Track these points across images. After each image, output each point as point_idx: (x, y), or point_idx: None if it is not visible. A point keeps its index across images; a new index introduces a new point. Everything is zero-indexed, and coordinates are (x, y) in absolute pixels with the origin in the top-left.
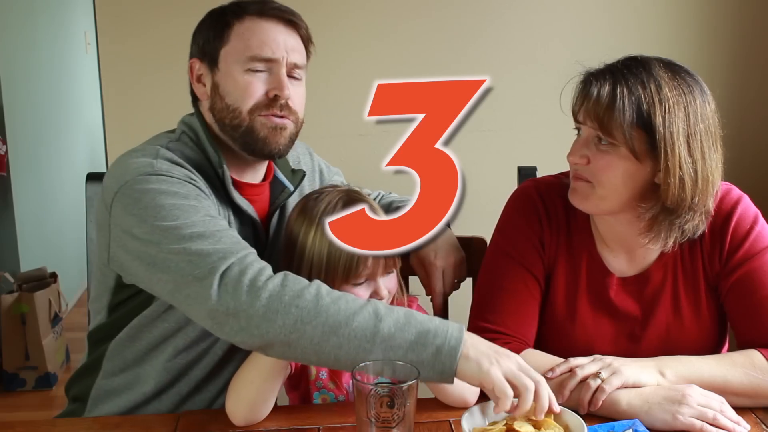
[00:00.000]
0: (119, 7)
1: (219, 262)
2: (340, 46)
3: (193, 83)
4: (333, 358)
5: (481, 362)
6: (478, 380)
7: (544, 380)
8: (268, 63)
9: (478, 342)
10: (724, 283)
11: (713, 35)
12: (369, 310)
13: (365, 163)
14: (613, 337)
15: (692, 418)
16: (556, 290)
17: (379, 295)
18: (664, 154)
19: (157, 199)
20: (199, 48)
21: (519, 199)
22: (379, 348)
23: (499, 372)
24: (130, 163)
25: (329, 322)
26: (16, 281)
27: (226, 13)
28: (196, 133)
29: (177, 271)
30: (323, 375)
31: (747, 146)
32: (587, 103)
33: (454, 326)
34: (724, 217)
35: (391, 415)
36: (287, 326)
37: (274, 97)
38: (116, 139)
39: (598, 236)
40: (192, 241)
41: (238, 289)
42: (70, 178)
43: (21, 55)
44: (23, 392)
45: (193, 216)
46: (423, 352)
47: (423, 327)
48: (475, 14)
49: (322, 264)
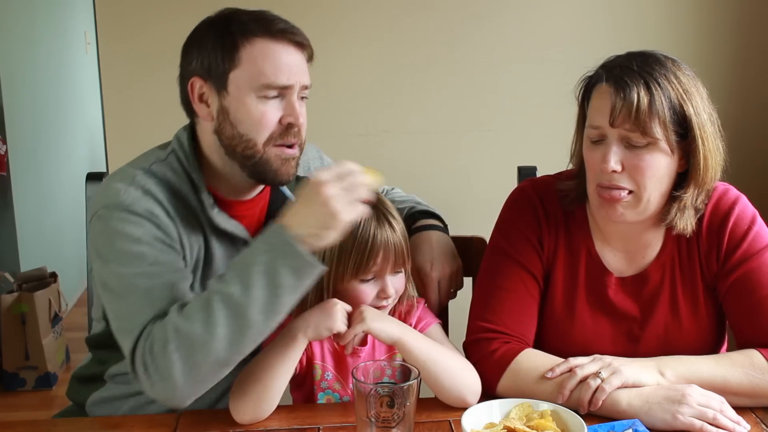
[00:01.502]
0: (119, 7)
1: (131, 333)
2: (340, 46)
3: (194, 102)
4: (243, 352)
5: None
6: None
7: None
8: (282, 89)
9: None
10: (723, 283)
11: (713, 35)
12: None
13: (365, 163)
14: (612, 337)
15: (692, 418)
16: (554, 289)
17: (385, 293)
18: (700, 141)
19: (111, 239)
20: (203, 67)
21: (517, 199)
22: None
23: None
24: (107, 187)
25: (208, 344)
26: (16, 281)
27: (233, 32)
28: (185, 153)
29: (109, 314)
30: (329, 375)
31: (746, 146)
32: (625, 109)
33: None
34: (722, 217)
35: (391, 415)
36: (188, 373)
37: (287, 125)
38: (116, 139)
39: (597, 235)
40: (122, 298)
41: (144, 372)
42: (70, 178)
43: (21, 55)
44: (23, 392)
45: (136, 266)
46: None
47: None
48: (475, 14)
49: (333, 259)
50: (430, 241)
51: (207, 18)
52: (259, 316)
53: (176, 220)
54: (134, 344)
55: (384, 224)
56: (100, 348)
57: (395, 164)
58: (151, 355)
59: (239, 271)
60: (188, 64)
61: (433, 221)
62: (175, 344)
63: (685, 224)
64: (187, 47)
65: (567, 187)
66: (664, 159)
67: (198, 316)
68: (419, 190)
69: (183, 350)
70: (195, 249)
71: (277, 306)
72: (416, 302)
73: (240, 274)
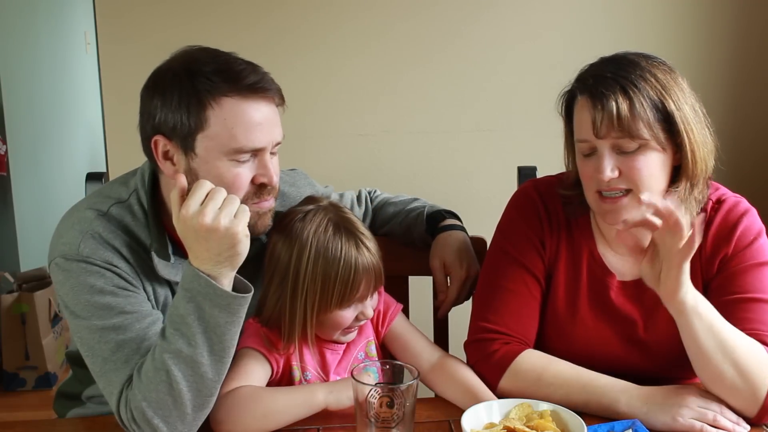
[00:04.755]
0: (119, 7)
1: (111, 396)
2: (340, 46)
3: (158, 160)
4: (215, 389)
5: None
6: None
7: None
8: (255, 152)
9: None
10: (714, 282)
11: (713, 35)
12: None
13: (365, 163)
14: (614, 339)
15: (692, 420)
16: (556, 290)
17: (364, 315)
18: (685, 134)
19: (75, 291)
20: (167, 125)
21: (519, 200)
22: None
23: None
24: (64, 232)
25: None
26: (16, 281)
27: (199, 90)
28: (144, 203)
29: (88, 365)
30: (308, 375)
31: (745, 146)
32: (606, 119)
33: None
34: (730, 227)
35: (391, 415)
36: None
37: (261, 185)
38: (116, 139)
39: (600, 237)
40: (95, 354)
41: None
42: (70, 177)
43: (21, 55)
44: (23, 392)
45: (104, 318)
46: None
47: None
48: (475, 14)
49: (317, 289)
50: (464, 241)
51: (168, 65)
52: (211, 359)
53: (136, 267)
54: (117, 408)
55: (362, 250)
56: (77, 365)
57: (395, 164)
58: (135, 423)
59: (177, 325)
60: (150, 117)
61: (458, 222)
62: (151, 412)
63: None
64: (149, 95)
65: (569, 195)
66: (658, 157)
67: (158, 379)
68: (419, 190)
69: (161, 412)
70: (161, 295)
71: (223, 344)
72: (394, 308)
73: (179, 329)
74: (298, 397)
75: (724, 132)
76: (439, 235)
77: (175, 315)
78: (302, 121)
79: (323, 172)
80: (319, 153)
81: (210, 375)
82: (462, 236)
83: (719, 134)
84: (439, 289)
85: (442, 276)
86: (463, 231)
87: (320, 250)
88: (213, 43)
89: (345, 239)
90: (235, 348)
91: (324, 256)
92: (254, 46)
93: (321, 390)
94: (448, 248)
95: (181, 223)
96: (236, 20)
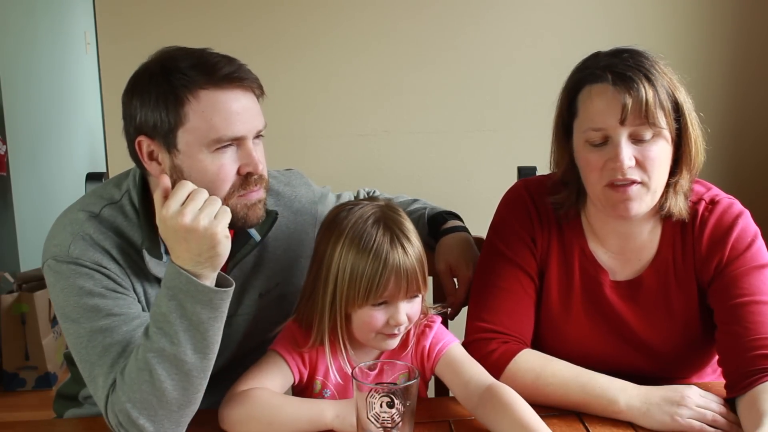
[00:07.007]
0: (119, 7)
1: (99, 399)
2: (340, 46)
3: (144, 161)
4: (201, 387)
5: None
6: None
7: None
8: (236, 140)
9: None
10: (713, 286)
11: (713, 34)
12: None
13: (365, 163)
14: (608, 337)
15: (691, 420)
16: (549, 288)
17: (396, 320)
18: (690, 125)
19: (65, 293)
20: (148, 125)
21: (509, 199)
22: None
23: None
24: (57, 233)
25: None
26: (16, 281)
27: (175, 86)
28: (135, 202)
29: (77, 365)
30: (327, 393)
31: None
32: (636, 105)
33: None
34: (725, 230)
35: (391, 415)
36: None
37: (247, 175)
38: (116, 139)
39: (591, 235)
40: (83, 357)
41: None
42: (70, 178)
43: (21, 55)
44: (23, 392)
45: (92, 320)
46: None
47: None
48: (475, 14)
49: (345, 281)
50: (468, 242)
51: (145, 66)
52: (195, 356)
53: (126, 268)
54: (105, 413)
55: (396, 247)
56: (74, 365)
57: (395, 164)
58: (122, 426)
59: (160, 323)
60: (132, 119)
61: (460, 222)
62: (136, 412)
63: (680, 209)
64: (128, 97)
65: (559, 199)
66: (667, 147)
67: (141, 379)
68: (419, 190)
69: (146, 412)
70: (151, 295)
71: (207, 340)
72: (431, 322)
73: (162, 327)
74: (304, 414)
75: (725, 133)
76: (442, 239)
77: (157, 313)
78: (302, 121)
79: (323, 172)
80: (319, 153)
81: (195, 372)
82: (465, 237)
83: (720, 135)
84: (448, 292)
85: (450, 279)
86: (465, 231)
87: (354, 239)
88: (213, 43)
89: (381, 232)
90: (267, 347)
91: (357, 245)
92: (254, 45)
93: (329, 410)
94: (453, 251)
95: (161, 223)
96: (236, 21)
